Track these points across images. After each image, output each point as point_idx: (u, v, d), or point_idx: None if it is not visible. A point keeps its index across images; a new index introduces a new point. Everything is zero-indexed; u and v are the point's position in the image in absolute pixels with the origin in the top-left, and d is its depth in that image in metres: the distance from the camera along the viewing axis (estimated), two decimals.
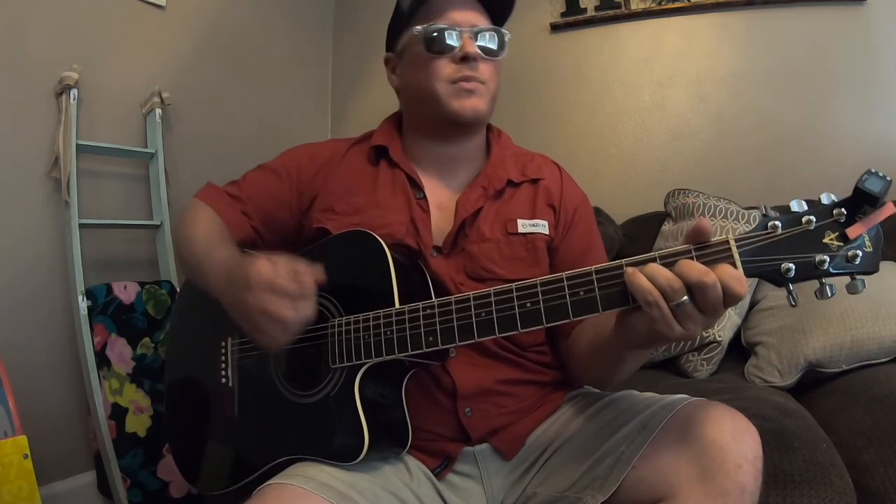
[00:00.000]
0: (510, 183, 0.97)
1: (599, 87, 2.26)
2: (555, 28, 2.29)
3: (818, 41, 1.99)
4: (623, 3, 2.19)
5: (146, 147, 1.84)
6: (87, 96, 1.68)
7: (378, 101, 2.52)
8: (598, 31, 2.26)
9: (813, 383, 1.36)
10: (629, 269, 0.64)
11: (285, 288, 0.72)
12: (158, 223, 1.83)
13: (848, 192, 0.61)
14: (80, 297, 1.56)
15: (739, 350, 1.55)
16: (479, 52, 0.91)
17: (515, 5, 0.98)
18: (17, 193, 1.57)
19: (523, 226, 0.94)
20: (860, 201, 0.60)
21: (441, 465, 0.88)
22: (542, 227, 0.95)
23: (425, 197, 0.95)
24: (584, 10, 2.24)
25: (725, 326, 1.52)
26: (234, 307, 0.80)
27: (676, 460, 0.71)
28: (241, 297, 0.76)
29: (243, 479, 0.89)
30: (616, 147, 2.23)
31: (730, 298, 0.61)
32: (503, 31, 0.95)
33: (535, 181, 0.99)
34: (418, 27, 0.93)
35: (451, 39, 0.91)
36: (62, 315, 1.62)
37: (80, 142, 1.61)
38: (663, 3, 2.14)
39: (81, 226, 1.59)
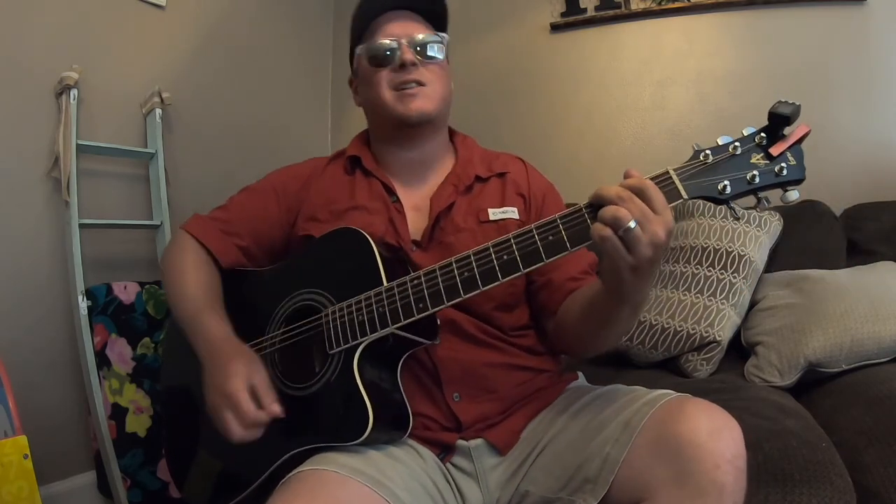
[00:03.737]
0: (478, 178, 1.04)
1: (599, 87, 2.26)
2: (555, 28, 2.29)
3: (818, 41, 1.99)
4: (623, 3, 2.19)
5: (146, 147, 1.84)
6: (87, 96, 1.68)
7: None
8: (598, 31, 2.26)
9: (813, 383, 1.36)
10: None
11: (244, 415, 0.80)
12: (158, 223, 1.83)
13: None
14: (80, 297, 1.56)
15: (739, 350, 1.55)
16: (417, 57, 0.98)
17: (448, 9, 1.05)
18: (17, 193, 1.57)
19: (493, 214, 1.00)
20: (776, 125, 0.69)
21: (441, 453, 0.89)
22: (511, 213, 1.01)
23: (399, 200, 1.02)
24: (584, 10, 2.24)
25: (725, 326, 1.52)
26: (206, 385, 0.87)
27: (653, 461, 0.71)
28: (211, 388, 0.84)
29: (238, 495, 0.89)
30: (616, 147, 2.23)
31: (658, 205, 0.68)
32: (440, 34, 1.02)
33: (501, 174, 1.06)
34: (361, 46, 1.02)
35: (390, 51, 0.99)
36: (62, 315, 1.62)
37: (80, 142, 1.61)
38: (663, 3, 2.14)
39: (81, 226, 1.59)
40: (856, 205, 1.77)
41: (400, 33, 0.99)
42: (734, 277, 1.56)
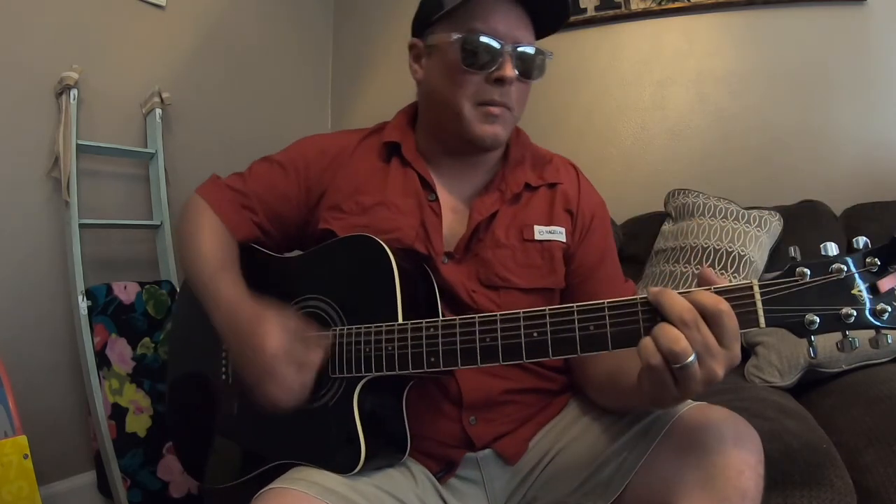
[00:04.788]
0: (527, 187, 0.94)
1: (599, 87, 2.26)
2: None
3: (818, 41, 1.99)
4: (623, 3, 2.19)
5: (146, 147, 1.84)
6: (87, 96, 1.68)
7: (378, 99, 2.51)
8: (598, 31, 2.26)
9: (813, 383, 1.36)
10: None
11: (284, 383, 0.74)
12: (158, 223, 1.83)
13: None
14: (80, 297, 1.56)
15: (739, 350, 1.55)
16: (517, 75, 0.85)
17: (568, 16, 0.91)
18: (17, 193, 1.57)
19: (540, 232, 0.91)
20: (894, 252, 0.57)
21: (443, 469, 0.87)
22: (558, 234, 0.92)
23: (437, 199, 0.92)
24: (584, 10, 2.24)
25: None
26: (239, 358, 0.80)
27: (678, 466, 0.70)
28: (250, 356, 0.77)
29: (245, 475, 0.89)
30: (616, 147, 2.23)
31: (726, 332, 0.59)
32: (546, 52, 0.89)
33: (552, 185, 0.96)
34: (456, 35, 0.84)
35: (490, 55, 0.84)
36: (62, 315, 1.62)
37: (80, 142, 1.61)
38: (663, 3, 2.14)
39: (81, 226, 1.59)
40: (856, 205, 1.77)
41: (506, 34, 0.84)
42: (734, 277, 1.56)
